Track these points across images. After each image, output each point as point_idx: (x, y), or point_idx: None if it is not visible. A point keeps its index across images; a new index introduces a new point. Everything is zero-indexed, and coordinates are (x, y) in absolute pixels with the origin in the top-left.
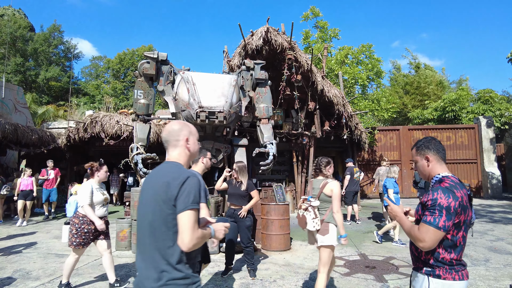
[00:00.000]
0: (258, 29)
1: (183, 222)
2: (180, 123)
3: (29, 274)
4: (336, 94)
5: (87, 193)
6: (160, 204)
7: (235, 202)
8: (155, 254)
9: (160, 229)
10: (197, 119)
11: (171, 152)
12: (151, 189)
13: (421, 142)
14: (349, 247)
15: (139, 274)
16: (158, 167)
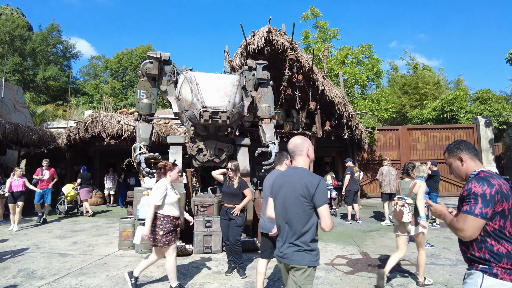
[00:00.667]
0: (260, 29)
1: (324, 213)
2: (302, 138)
3: (33, 273)
4: (337, 94)
5: (161, 194)
6: (299, 198)
7: (228, 201)
8: (291, 233)
9: (298, 215)
10: (201, 119)
11: (298, 160)
12: (289, 187)
13: (452, 145)
14: (351, 246)
15: (278, 247)
16: (292, 170)
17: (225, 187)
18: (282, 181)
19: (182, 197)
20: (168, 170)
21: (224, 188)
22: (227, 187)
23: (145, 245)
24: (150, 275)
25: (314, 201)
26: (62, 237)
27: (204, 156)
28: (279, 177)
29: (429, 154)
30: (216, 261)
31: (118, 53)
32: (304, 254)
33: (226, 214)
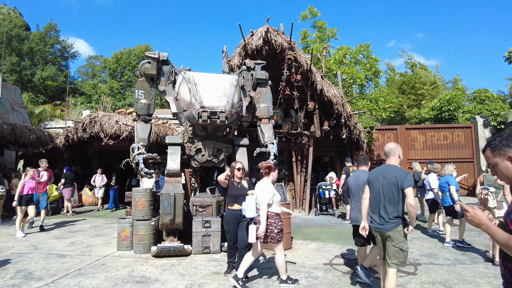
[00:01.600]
0: (258, 29)
1: (410, 193)
2: (395, 143)
3: (32, 274)
4: (335, 94)
5: (270, 193)
6: (392, 186)
7: (240, 203)
8: (385, 211)
9: (387, 198)
10: (199, 119)
11: (391, 159)
12: (385, 178)
13: (497, 141)
14: (349, 246)
15: (374, 220)
16: (386, 166)
17: (235, 190)
18: (378, 174)
19: (180, 197)
20: (272, 170)
21: (234, 191)
22: (237, 189)
23: (144, 245)
24: (148, 275)
25: (402, 186)
26: (61, 237)
27: (203, 156)
28: (375, 172)
29: (427, 153)
30: (215, 262)
31: (116, 53)
32: (393, 224)
33: (236, 217)
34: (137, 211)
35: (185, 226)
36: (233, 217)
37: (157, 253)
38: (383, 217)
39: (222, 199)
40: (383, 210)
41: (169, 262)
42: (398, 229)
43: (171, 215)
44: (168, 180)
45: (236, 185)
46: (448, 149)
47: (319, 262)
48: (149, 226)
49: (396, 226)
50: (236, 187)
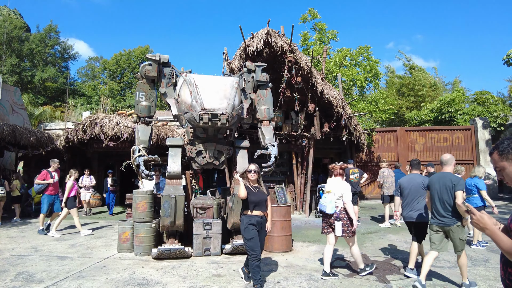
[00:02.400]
0: (259, 31)
1: (459, 195)
2: (450, 155)
3: (32, 277)
4: (335, 96)
5: (350, 191)
6: (447, 188)
7: (261, 210)
8: (441, 208)
9: (445, 199)
10: (200, 121)
11: (448, 168)
12: (442, 183)
13: (505, 144)
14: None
15: (436, 217)
16: (443, 174)
17: (254, 195)
18: (437, 179)
19: (181, 199)
20: (343, 171)
21: (252, 196)
22: (255, 194)
23: (144, 247)
24: (149, 278)
25: (456, 188)
26: (61, 239)
27: (204, 158)
28: (434, 177)
29: (427, 155)
30: (216, 264)
31: (116, 54)
32: (452, 220)
33: (258, 223)
34: (137, 213)
35: (186, 228)
36: (255, 224)
37: (158, 255)
38: (443, 215)
39: (222, 201)
40: (442, 208)
41: (169, 264)
42: (457, 224)
43: (171, 217)
44: (168, 182)
45: (253, 190)
46: (448, 151)
47: (320, 265)
48: (149, 228)
49: (455, 221)
50: (254, 192)
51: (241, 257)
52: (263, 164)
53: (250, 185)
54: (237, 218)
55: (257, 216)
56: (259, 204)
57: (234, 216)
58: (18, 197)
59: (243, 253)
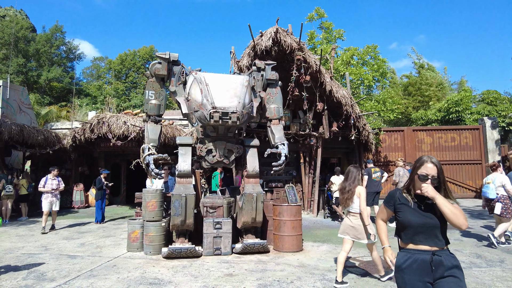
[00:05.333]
0: (268, 30)
1: None
2: None
3: (44, 275)
4: (344, 94)
5: (509, 181)
6: None
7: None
8: None
9: None
10: (211, 119)
11: None
12: None
13: None
14: (361, 248)
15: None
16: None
17: (413, 214)
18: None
19: (191, 198)
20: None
21: (410, 216)
22: (418, 213)
23: (154, 247)
24: (160, 277)
25: None
26: (70, 238)
27: (213, 157)
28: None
29: (435, 155)
30: (227, 263)
31: (121, 54)
32: None
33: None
34: (147, 212)
35: (195, 227)
36: (421, 268)
37: (168, 255)
38: None
39: (232, 200)
40: None
41: (180, 263)
42: None
43: (182, 216)
44: (179, 181)
45: (415, 206)
46: (456, 151)
47: (332, 265)
48: (159, 227)
49: None
50: (417, 210)
51: (251, 256)
52: (273, 163)
53: (413, 199)
54: (248, 217)
55: (423, 253)
56: (428, 230)
57: (245, 215)
58: (25, 196)
59: (253, 252)
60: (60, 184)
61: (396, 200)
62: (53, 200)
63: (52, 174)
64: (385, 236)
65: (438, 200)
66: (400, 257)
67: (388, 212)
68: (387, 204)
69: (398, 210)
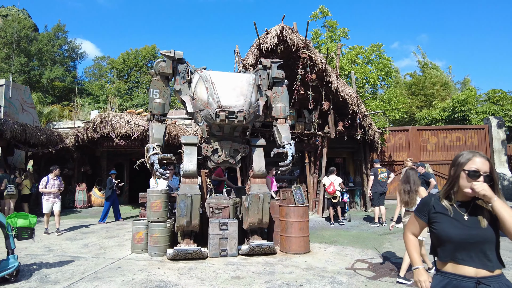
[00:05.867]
0: (273, 28)
1: None
2: None
3: (47, 277)
4: (350, 93)
5: None
6: None
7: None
8: None
9: None
10: (217, 118)
11: None
12: None
13: None
14: (369, 249)
15: None
16: None
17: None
18: None
19: (197, 199)
20: None
21: (451, 229)
22: (462, 224)
23: (159, 248)
24: (166, 279)
25: None
26: (73, 239)
27: (219, 156)
28: None
29: (440, 155)
30: (233, 265)
31: (123, 54)
32: None
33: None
34: (152, 212)
35: (200, 228)
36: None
37: (174, 256)
38: None
39: (238, 200)
40: None
41: (186, 265)
42: None
43: (187, 217)
44: (184, 181)
45: (456, 215)
46: (461, 151)
47: (341, 267)
48: (164, 228)
49: None
50: (459, 220)
51: (258, 258)
52: (280, 163)
53: (451, 204)
54: (254, 218)
55: (465, 279)
56: (474, 247)
57: (251, 216)
58: (28, 196)
59: (260, 254)
60: (61, 185)
61: (431, 208)
62: (55, 200)
63: (54, 173)
64: (417, 253)
65: (496, 203)
66: (435, 283)
67: (420, 224)
68: (420, 214)
69: (434, 221)
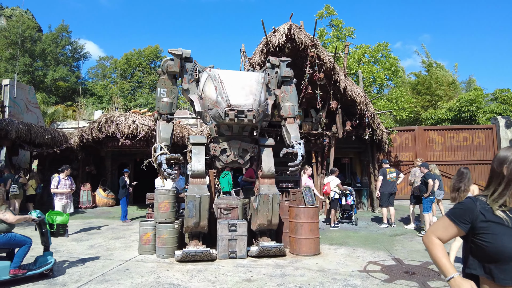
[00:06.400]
0: (281, 26)
1: None
2: None
3: (55, 280)
4: (358, 93)
5: None
6: None
7: None
8: None
9: None
10: (226, 118)
11: None
12: None
13: None
14: (380, 251)
15: None
16: None
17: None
18: None
19: (206, 199)
20: None
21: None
22: None
23: (167, 249)
24: (176, 282)
25: None
26: (79, 240)
27: (228, 156)
28: None
29: (446, 155)
30: (243, 268)
31: (126, 54)
32: None
33: None
34: (159, 213)
35: (210, 229)
36: None
37: (182, 258)
38: None
39: (247, 201)
40: None
41: (195, 267)
42: None
43: (196, 218)
44: (192, 181)
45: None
46: (468, 151)
47: (353, 269)
48: (172, 229)
49: None
50: None
51: (268, 260)
52: (290, 164)
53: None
54: (264, 219)
55: None
56: None
57: (260, 217)
58: (33, 196)
59: (269, 256)
60: (73, 185)
61: (478, 216)
62: (68, 202)
63: (65, 173)
64: (446, 259)
65: None
66: None
67: (454, 232)
68: (458, 220)
69: (482, 232)
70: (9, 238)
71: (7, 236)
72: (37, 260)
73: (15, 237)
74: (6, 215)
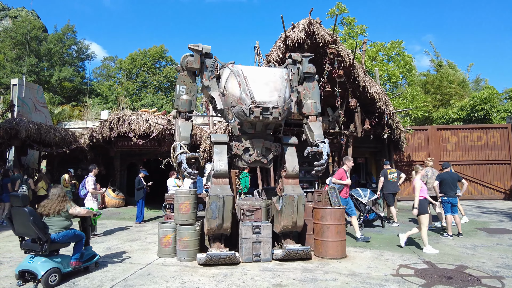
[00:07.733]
0: (300, 22)
1: None
2: None
3: (75, 285)
4: (378, 90)
5: None
6: None
7: None
8: None
9: None
10: (251, 115)
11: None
12: None
13: None
14: (408, 253)
15: None
16: None
17: None
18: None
19: (229, 200)
20: None
21: None
22: None
23: (188, 252)
24: (203, 287)
25: None
26: (93, 242)
27: (251, 156)
28: None
29: (460, 155)
30: (270, 271)
31: (131, 54)
32: None
33: None
34: (180, 214)
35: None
36: None
37: (206, 261)
38: None
39: (270, 202)
40: None
41: (220, 271)
42: None
43: (219, 219)
44: (215, 182)
45: None
46: (482, 151)
47: (385, 273)
48: (194, 231)
49: None
50: None
51: (294, 263)
52: (315, 163)
53: None
54: (288, 221)
55: None
56: None
57: (284, 218)
58: (44, 197)
59: (295, 259)
60: None
61: None
62: (94, 200)
63: (93, 172)
64: None
65: None
66: None
67: None
68: None
69: None
70: (73, 233)
71: (72, 232)
72: (83, 254)
73: (75, 232)
74: (77, 209)
